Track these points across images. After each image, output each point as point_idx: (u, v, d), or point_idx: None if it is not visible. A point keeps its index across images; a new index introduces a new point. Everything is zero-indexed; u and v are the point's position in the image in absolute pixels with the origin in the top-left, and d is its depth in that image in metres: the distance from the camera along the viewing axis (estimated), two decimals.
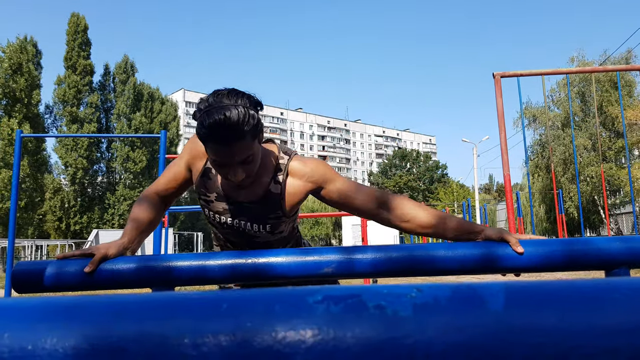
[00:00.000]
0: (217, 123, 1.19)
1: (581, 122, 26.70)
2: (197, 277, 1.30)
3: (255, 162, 1.31)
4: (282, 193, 1.42)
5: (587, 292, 0.44)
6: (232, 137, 1.21)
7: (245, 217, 1.45)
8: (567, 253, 1.27)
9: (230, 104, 1.22)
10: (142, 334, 0.42)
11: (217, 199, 1.45)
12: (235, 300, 0.45)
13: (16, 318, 0.45)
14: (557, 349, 0.40)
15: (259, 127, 1.28)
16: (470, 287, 0.46)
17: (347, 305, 0.43)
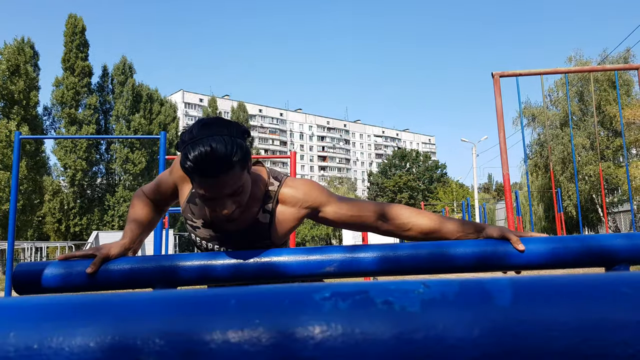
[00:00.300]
0: (203, 155, 1.12)
1: (579, 122, 26.73)
2: (200, 277, 1.29)
3: (245, 193, 1.24)
4: (271, 222, 1.37)
5: (595, 286, 0.44)
6: (219, 170, 1.13)
7: (233, 246, 1.40)
8: (568, 250, 1.27)
9: (215, 133, 1.15)
10: (149, 331, 0.42)
11: (203, 225, 1.40)
12: (244, 297, 0.45)
13: (21, 317, 0.44)
14: (566, 343, 0.40)
15: (248, 156, 1.21)
16: (478, 282, 0.46)
17: (355, 301, 0.43)
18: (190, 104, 71.74)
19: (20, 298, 0.48)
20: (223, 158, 1.13)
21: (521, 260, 1.27)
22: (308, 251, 1.31)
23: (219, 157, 1.12)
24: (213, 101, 51.27)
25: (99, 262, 1.25)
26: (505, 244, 1.28)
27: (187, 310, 0.44)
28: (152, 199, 1.48)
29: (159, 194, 1.47)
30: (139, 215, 1.41)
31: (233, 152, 1.14)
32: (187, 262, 1.29)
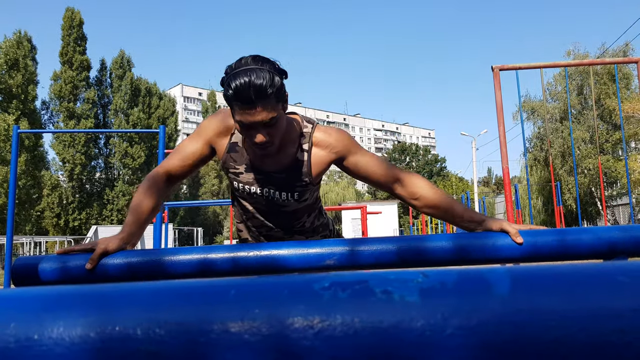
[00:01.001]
0: (243, 84, 1.24)
1: (579, 115, 26.72)
2: (199, 271, 1.30)
3: (279, 127, 1.34)
4: (308, 161, 1.47)
5: (592, 275, 0.45)
6: (256, 98, 1.25)
7: (274, 186, 1.50)
8: (566, 242, 1.27)
9: (255, 67, 1.27)
10: (149, 321, 0.42)
11: (246, 170, 1.50)
12: (243, 287, 0.45)
13: (21, 308, 0.45)
14: (564, 331, 0.40)
15: (283, 92, 1.33)
16: (476, 271, 0.46)
17: (354, 291, 0.43)
18: (190, 98, 71.53)
19: (20, 289, 0.49)
20: (260, 87, 1.24)
21: (519, 253, 1.27)
22: (307, 244, 1.31)
23: (256, 86, 1.24)
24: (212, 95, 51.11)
25: (97, 257, 1.25)
26: (504, 237, 1.29)
27: (187, 300, 0.44)
28: (174, 170, 1.49)
29: (189, 158, 1.49)
30: (141, 203, 1.41)
31: (269, 84, 1.25)
32: (186, 256, 1.29)
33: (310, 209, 1.63)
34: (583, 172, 25.82)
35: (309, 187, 1.51)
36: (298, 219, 1.62)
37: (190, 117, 70.01)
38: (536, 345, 0.40)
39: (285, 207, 1.54)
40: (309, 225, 1.67)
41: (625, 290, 0.42)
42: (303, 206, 1.58)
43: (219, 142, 1.50)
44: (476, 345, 0.40)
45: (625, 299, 0.42)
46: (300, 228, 1.65)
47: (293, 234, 1.66)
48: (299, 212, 1.59)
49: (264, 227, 1.63)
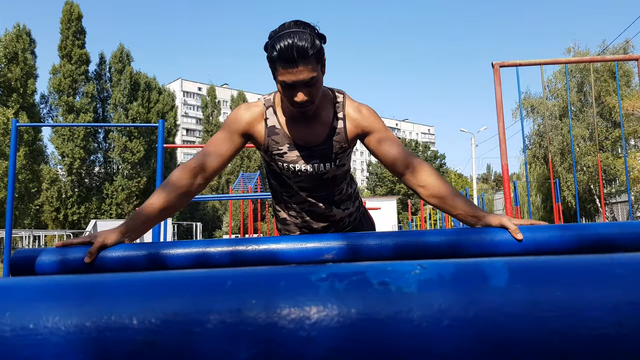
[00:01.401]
0: (287, 45, 1.33)
1: (579, 112, 26.71)
2: (197, 265, 1.29)
3: (317, 88, 1.43)
4: (344, 128, 1.56)
5: (590, 268, 0.44)
6: (299, 58, 1.34)
7: (318, 159, 1.59)
8: (564, 238, 1.27)
9: (297, 30, 1.36)
10: (146, 310, 0.42)
11: (289, 149, 1.58)
12: (240, 278, 0.45)
13: (17, 297, 0.44)
14: (561, 323, 0.40)
15: (323, 54, 1.42)
16: (474, 263, 0.46)
17: (351, 282, 0.43)
18: (189, 93, 71.34)
19: (16, 279, 0.48)
20: (302, 48, 1.33)
21: (517, 249, 1.27)
22: (305, 239, 1.31)
23: (298, 47, 1.33)
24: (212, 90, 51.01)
25: (95, 250, 1.24)
26: (503, 233, 1.28)
27: (183, 290, 0.44)
28: (209, 164, 1.48)
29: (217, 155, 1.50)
30: (149, 201, 1.40)
31: (310, 45, 1.35)
32: (184, 250, 1.29)
33: (346, 174, 1.74)
34: (582, 170, 25.84)
35: (346, 152, 1.62)
36: (338, 186, 1.72)
37: (190, 112, 69.88)
38: (533, 337, 0.40)
39: (327, 175, 1.64)
40: (346, 192, 1.77)
41: (623, 283, 0.42)
42: (341, 172, 1.68)
43: (254, 130, 1.57)
44: (473, 337, 0.40)
45: (622, 291, 0.42)
46: (339, 197, 1.74)
47: (333, 206, 1.74)
48: (337, 179, 1.68)
49: (306, 202, 1.72)
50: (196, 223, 30.20)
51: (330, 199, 1.72)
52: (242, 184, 17.24)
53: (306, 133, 1.56)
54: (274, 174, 1.71)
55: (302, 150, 1.58)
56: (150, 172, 33.95)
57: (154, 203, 1.39)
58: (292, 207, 1.76)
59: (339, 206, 1.76)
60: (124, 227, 1.33)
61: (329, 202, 1.73)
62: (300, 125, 1.56)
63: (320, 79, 1.44)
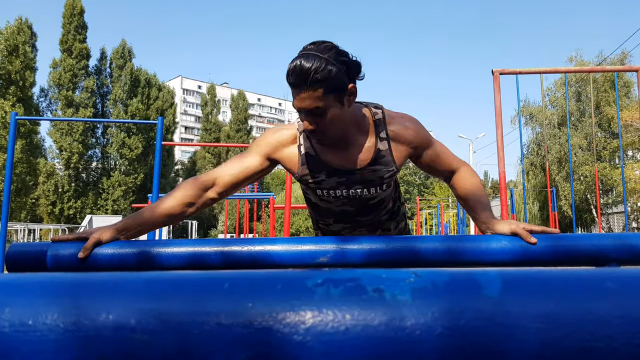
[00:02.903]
0: (293, 67, 1.23)
1: (577, 122, 26.82)
2: (192, 264, 1.30)
3: (330, 120, 1.29)
4: (389, 150, 1.43)
5: (582, 281, 0.45)
6: (300, 83, 1.23)
7: (361, 184, 1.46)
8: (558, 248, 1.28)
9: (312, 52, 1.24)
10: (142, 311, 0.43)
11: (327, 176, 1.45)
12: (237, 280, 0.46)
13: (17, 293, 0.45)
14: (553, 334, 0.41)
15: (340, 85, 1.26)
16: (468, 273, 0.47)
17: (346, 288, 0.44)
18: (189, 91, 71.30)
19: (16, 275, 0.49)
20: (305, 73, 1.21)
21: (510, 257, 1.27)
22: (301, 241, 1.31)
23: (302, 70, 1.21)
24: (212, 88, 51.00)
25: (90, 246, 1.25)
26: (498, 240, 1.29)
27: (181, 291, 0.45)
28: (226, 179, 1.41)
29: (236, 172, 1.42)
30: (155, 204, 1.38)
31: (317, 71, 1.21)
32: (179, 248, 1.29)
33: (393, 193, 1.64)
34: (579, 179, 25.92)
35: (394, 175, 1.50)
36: (385, 207, 1.61)
37: (189, 110, 69.83)
38: (524, 348, 0.40)
39: (373, 200, 1.53)
40: (390, 209, 1.65)
41: (614, 297, 0.43)
42: (388, 193, 1.57)
43: (283, 154, 1.46)
44: (465, 346, 0.40)
45: (613, 305, 0.42)
46: (385, 216, 1.64)
47: (377, 225, 1.64)
48: (385, 200, 1.58)
49: (346, 229, 1.62)
50: (192, 221, 30.15)
51: (376, 221, 1.62)
52: None
53: (345, 158, 1.42)
54: (311, 202, 1.61)
55: (341, 176, 1.45)
56: (147, 168, 33.91)
57: (156, 208, 1.36)
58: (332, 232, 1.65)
59: (383, 228, 1.66)
60: (121, 224, 1.34)
61: (373, 225, 1.63)
62: (337, 150, 1.42)
63: (333, 112, 1.28)
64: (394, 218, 1.69)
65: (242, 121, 48.73)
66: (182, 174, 43.43)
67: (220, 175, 1.42)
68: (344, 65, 1.26)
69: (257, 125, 76.41)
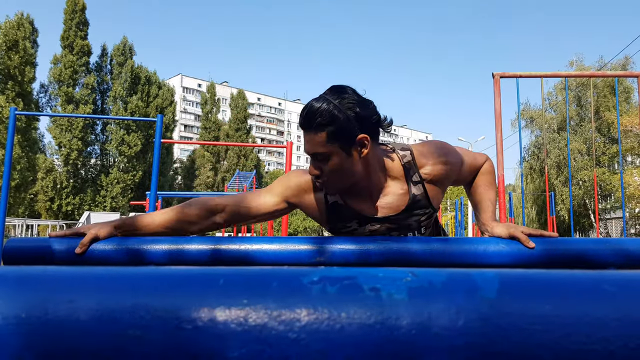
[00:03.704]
0: (304, 108, 1.23)
1: (577, 127, 26.86)
2: (187, 261, 1.29)
3: (332, 170, 1.24)
4: (425, 193, 1.35)
5: (580, 283, 0.45)
6: (305, 125, 1.22)
7: (397, 229, 1.39)
8: (556, 252, 1.27)
9: (326, 96, 1.22)
10: (137, 305, 0.43)
11: (359, 225, 1.38)
12: (232, 277, 0.45)
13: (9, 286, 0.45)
14: (549, 336, 0.40)
15: (346, 133, 1.20)
16: (465, 273, 0.46)
17: (342, 286, 0.44)
18: (189, 89, 71.29)
19: (10, 268, 0.49)
20: (310, 116, 1.20)
21: (506, 260, 1.27)
22: (299, 240, 1.31)
23: (308, 113, 1.20)
24: (212, 87, 50.96)
25: (87, 242, 1.24)
26: (495, 244, 1.28)
27: (176, 287, 0.44)
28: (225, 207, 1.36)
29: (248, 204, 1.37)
30: (157, 213, 1.36)
31: (322, 115, 1.19)
32: (176, 246, 1.29)
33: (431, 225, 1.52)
34: (578, 184, 25.96)
35: (433, 216, 1.43)
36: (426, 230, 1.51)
37: (189, 108, 69.83)
38: (520, 349, 0.40)
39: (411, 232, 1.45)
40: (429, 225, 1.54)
41: (611, 300, 0.43)
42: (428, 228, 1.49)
43: (305, 200, 1.39)
44: (461, 346, 0.40)
45: (610, 308, 0.42)
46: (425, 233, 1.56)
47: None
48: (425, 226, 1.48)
49: None
50: None
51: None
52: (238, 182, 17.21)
53: (378, 205, 1.36)
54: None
55: (374, 224, 1.37)
56: (146, 166, 33.88)
57: (157, 217, 1.35)
58: None
59: None
60: (119, 222, 1.33)
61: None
62: (368, 199, 1.36)
63: (337, 161, 1.23)
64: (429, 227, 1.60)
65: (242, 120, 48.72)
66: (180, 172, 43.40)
67: (232, 204, 1.37)
68: (354, 114, 1.21)
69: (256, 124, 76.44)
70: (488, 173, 1.50)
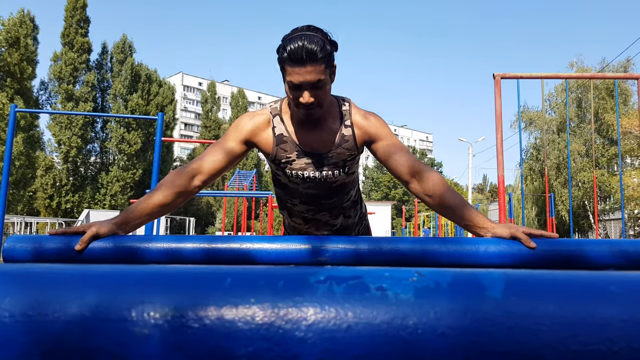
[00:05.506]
0: (297, 47, 1.36)
1: (576, 128, 26.87)
2: (188, 259, 1.29)
3: (325, 92, 1.44)
4: (353, 135, 1.57)
5: (585, 284, 0.45)
6: (307, 59, 1.36)
7: (327, 166, 1.59)
8: (557, 253, 1.27)
9: (309, 33, 1.40)
10: (145, 303, 0.43)
11: (298, 157, 1.58)
12: (239, 275, 0.46)
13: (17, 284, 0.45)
14: (555, 336, 0.40)
15: (332, 60, 1.45)
16: (471, 273, 0.46)
17: (349, 285, 0.44)
18: (189, 87, 71.19)
19: (14, 265, 0.49)
20: (311, 50, 1.36)
21: (508, 261, 1.27)
22: (302, 240, 1.31)
23: (307, 48, 1.36)
24: (212, 85, 50.92)
25: (87, 240, 1.25)
26: (497, 244, 1.28)
27: (182, 285, 0.45)
28: (205, 169, 1.50)
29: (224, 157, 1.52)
30: (148, 196, 1.42)
31: (320, 48, 1.38)
32: (176, 244, 1.29)
33: (354, 182, 1.74)
34: (577, 185, 25.97)
35: (356, 159, 1.63)
36: (347, 193, 1.72)
37: (189, 107, 69.73)
38: (526, 349, 0.40)
39: (336, 183, 1.64)
40: (352, 199, 1.78)
41: (616, 301, 0.43)
42: (351, 179, 1.69)
43: (259, 138, 1.57)
44: (467, 346, 0.40)
45: (615, 309, 0.42)
46: (347, 202, 1.76)
47: (339, 212, 1.76)
48: (347, 185, 1.69)
49: (311, 210, 1.72)
50: (189, 218, 30.11)
51: (338, 206, 1.74)
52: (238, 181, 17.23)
53: (314, 140, 1.56)
54: (280, 182, 1.71)
55: (311, 158, 1.58)
56: (146, 164, 33.85)
57: (151, 199, 1.41)
58: (296, 214, 1.77)
59: (345, 214, 1.78)
60: (119, 219, 1.34)
61: (336, 210, 1.74)
62: (308, 133, 1.56)
63: (328, 84, 1.45)
64: (355, 206, 1.82)
65: None
66: None
67: (203, 164, 1.51)
68: (333, 46, 1.45)
69: None
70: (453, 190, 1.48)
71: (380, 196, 49.75)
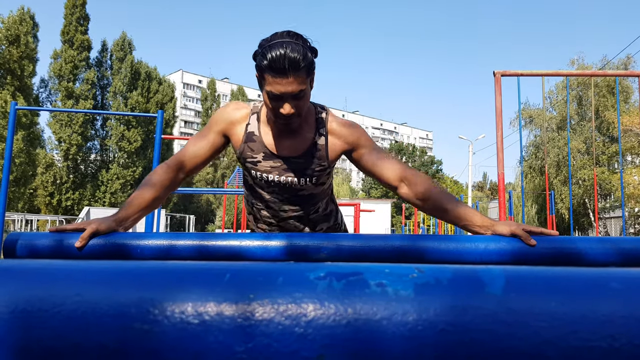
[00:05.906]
0: (278, 56, 1.30)
1: (576, 126, 26.85)
2: (187, 256, 1.29)
3: (305, 101, 1.40)
4: (326, 145, 1.51)
5: (586, 280, 0.45)
6: (290, 69, 1.31)
7: (293, 172, 1.53)
8: (557, 251, 1.27)
9: (290, 41, 1.33)
10: (144, 299, 0.43)
11: (264, 158, 1.53)
12: (239, 272, 0.46)
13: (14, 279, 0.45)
14: (555, 333, 0.40)
15: (313, 68, 1.39)
16: (472, 270, 0.46)
17: (349, 282, 0.44)
18: (189, 85, 71.14)
19: (14, 261, 0.49)
20: (294, 59, 1.30)
21: (506, 258, 1.27)
22: (298, 237, 1.30)
23: (290, 58, 1.30)
24: (212, 83, 50.88)
25: (87, 236, 1.25)
26: (497, 241, 1.28)
27: (182, 281, 0.45)
28: (188, 161, 1.51)
29: (204, 149, 1.51)
30: (141, 192, 1.42)
31: (302, 57, 1.32)
32: (178, 241, 1.29)
33: (324, 194, 1.67)
34: (577, 183, 25.97)
35: (326, 171, 1.56)
36: (314, 204, 1.65)
37: (189, 104, 69.69)
38: (526, 346, 0.40)
39: (302, 191, 1.58)
40: (322, 211, 1.71)
41: (618, 297, 0.43)
42: (319, 191, 1.62)
43: (234, 132, 1.54)
44: (467, 342, 0.40)
45: (617, 305, 0.42)
46: (315, 215, 1.68)
47: (306, 223, 1.69)
48: (315, 197, 1.63)
49: (276, 217, 1.65)
50: (189, 216, 30.12)
51: (303, 214, 1.66)
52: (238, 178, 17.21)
53: (284, 144, 1.51)
54: (247, 183, 1.67)
55: (277, 161, 1.53)
56: (146, 162, 33.85)
57: (143, 194, 1.41)
58: (263, 219, 1.70)
59: (313, 228, 1.70)
60: (120, 215, 1.34)
61: (301, 218, 1.67)
62: (279, 136, 1.51)
63: (308, 93, 1.41)
64: (327, 219, 1.74)
65: None
66: None
67: (186, 157, 1.51)
68: (314, 53, 1.40)
69: None
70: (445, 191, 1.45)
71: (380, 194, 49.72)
